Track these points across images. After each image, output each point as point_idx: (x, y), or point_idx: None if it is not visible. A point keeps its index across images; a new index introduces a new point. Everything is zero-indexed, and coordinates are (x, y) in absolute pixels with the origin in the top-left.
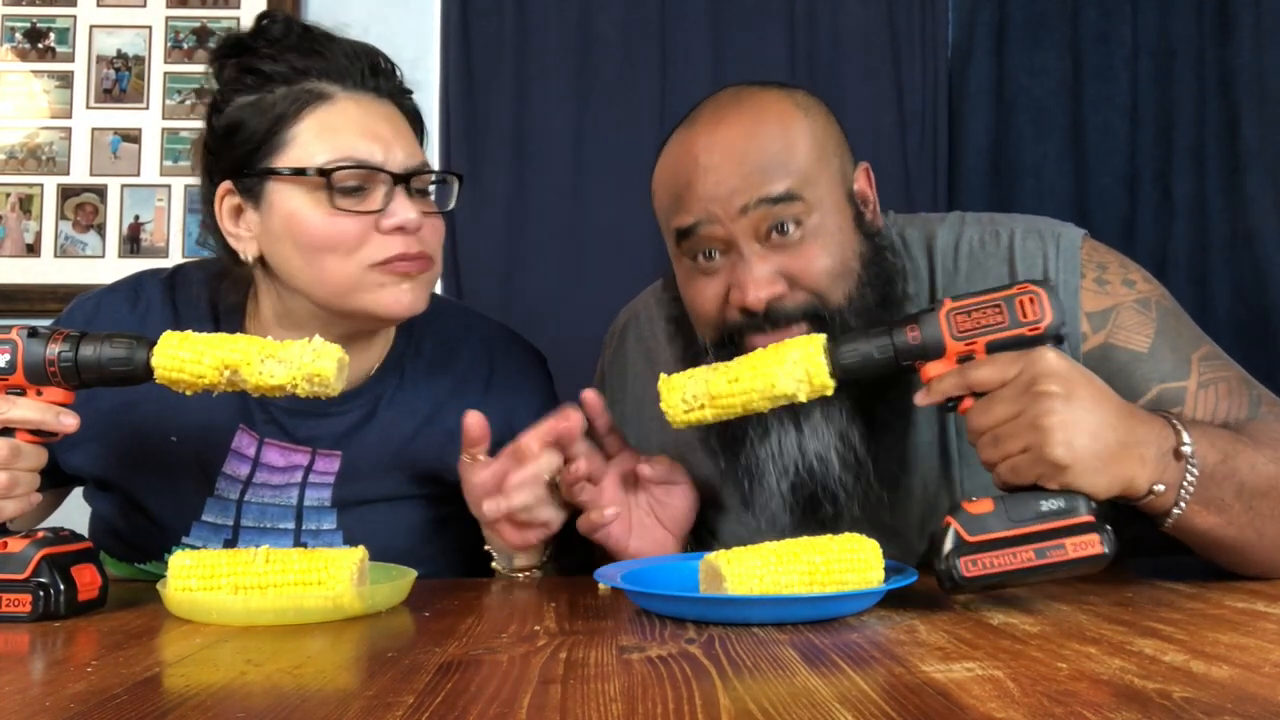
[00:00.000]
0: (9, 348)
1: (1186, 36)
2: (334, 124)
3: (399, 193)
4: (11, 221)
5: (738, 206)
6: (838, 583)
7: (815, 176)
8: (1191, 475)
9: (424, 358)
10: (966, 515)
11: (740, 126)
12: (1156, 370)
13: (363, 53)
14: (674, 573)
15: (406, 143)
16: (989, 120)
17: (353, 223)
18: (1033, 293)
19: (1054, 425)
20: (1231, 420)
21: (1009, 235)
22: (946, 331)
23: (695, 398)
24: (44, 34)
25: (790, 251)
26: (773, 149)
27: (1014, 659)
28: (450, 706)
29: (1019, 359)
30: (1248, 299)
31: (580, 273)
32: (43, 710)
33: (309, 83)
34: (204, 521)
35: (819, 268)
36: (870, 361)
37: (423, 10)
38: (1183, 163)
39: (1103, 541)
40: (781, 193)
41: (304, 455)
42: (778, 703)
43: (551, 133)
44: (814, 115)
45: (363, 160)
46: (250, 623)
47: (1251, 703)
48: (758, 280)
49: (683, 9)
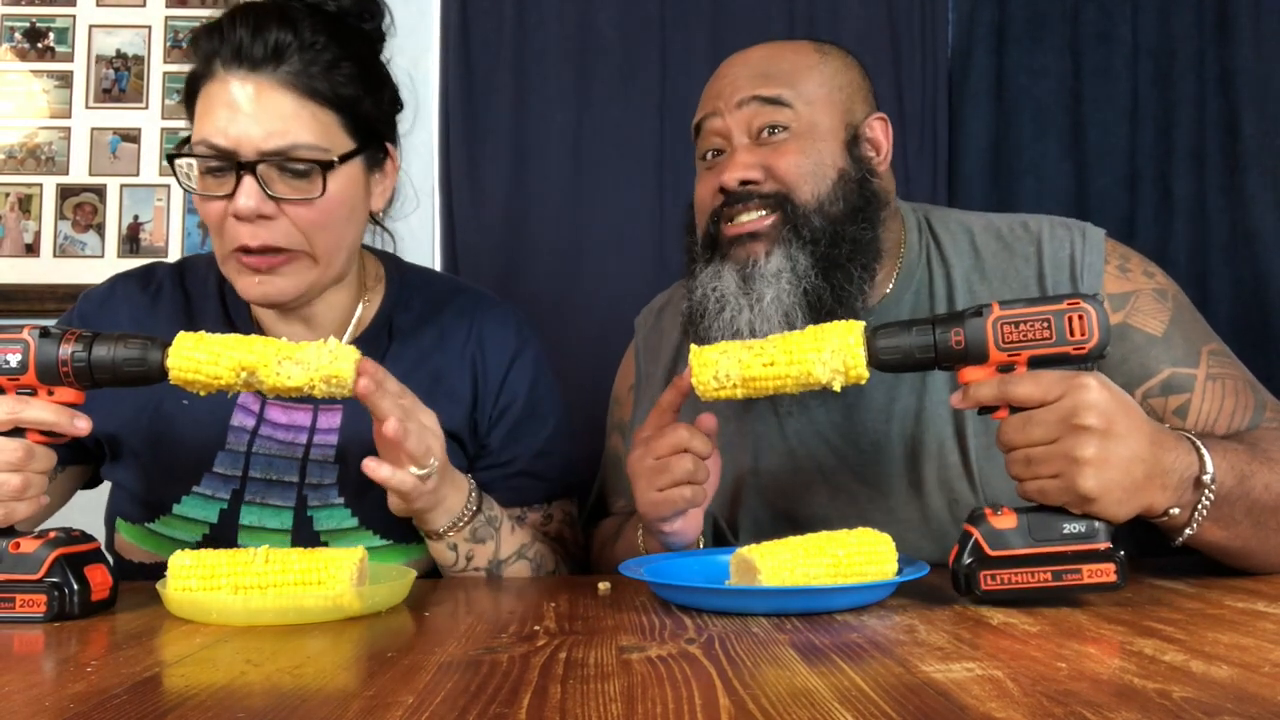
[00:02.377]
0: (20, 348)
1: (1186, 36)
2: (204, 105)
3: (245, 178)
4: (11, 221)
5: (735, 100)
6: (859, 574)
7: (813, 96)
8: (1208, 500)
9: (413, 312)
10: (989, 527)
11: (762, 49)
12: (1169, 354)
13: (251, 22)
14: (699, 566)
15: (269, 123)
16: (989, 120)
17: (212, 205)
18: (1083, 310)
19: (1089, 459)
20: (1236, 421)
21: (1037, 225)
22: (992, 340)
23: (728, 377)
24: (43, 34)
25: (774, 149)
26: (781, 66)
27: (1014, 659)
28: (450, 706)
29: (1062, 383)
30: (1248, 299)
31: (580, 272)
32: (43, 710)
33: (208, 59)
34: (214, 473)
35: (790, 162)
36: (910, 359)
37: (423, 10)
38: (1183, 163)
39: (1116, 571)
40: (774, 95)
41: (305, 413)
42: (778, 703)
43: (551, 133)
44: (832, 59)
45: (213, 144)
46: (250, 623)
47: (1251, 703)
48: (736, 164)
49: (683, 9)
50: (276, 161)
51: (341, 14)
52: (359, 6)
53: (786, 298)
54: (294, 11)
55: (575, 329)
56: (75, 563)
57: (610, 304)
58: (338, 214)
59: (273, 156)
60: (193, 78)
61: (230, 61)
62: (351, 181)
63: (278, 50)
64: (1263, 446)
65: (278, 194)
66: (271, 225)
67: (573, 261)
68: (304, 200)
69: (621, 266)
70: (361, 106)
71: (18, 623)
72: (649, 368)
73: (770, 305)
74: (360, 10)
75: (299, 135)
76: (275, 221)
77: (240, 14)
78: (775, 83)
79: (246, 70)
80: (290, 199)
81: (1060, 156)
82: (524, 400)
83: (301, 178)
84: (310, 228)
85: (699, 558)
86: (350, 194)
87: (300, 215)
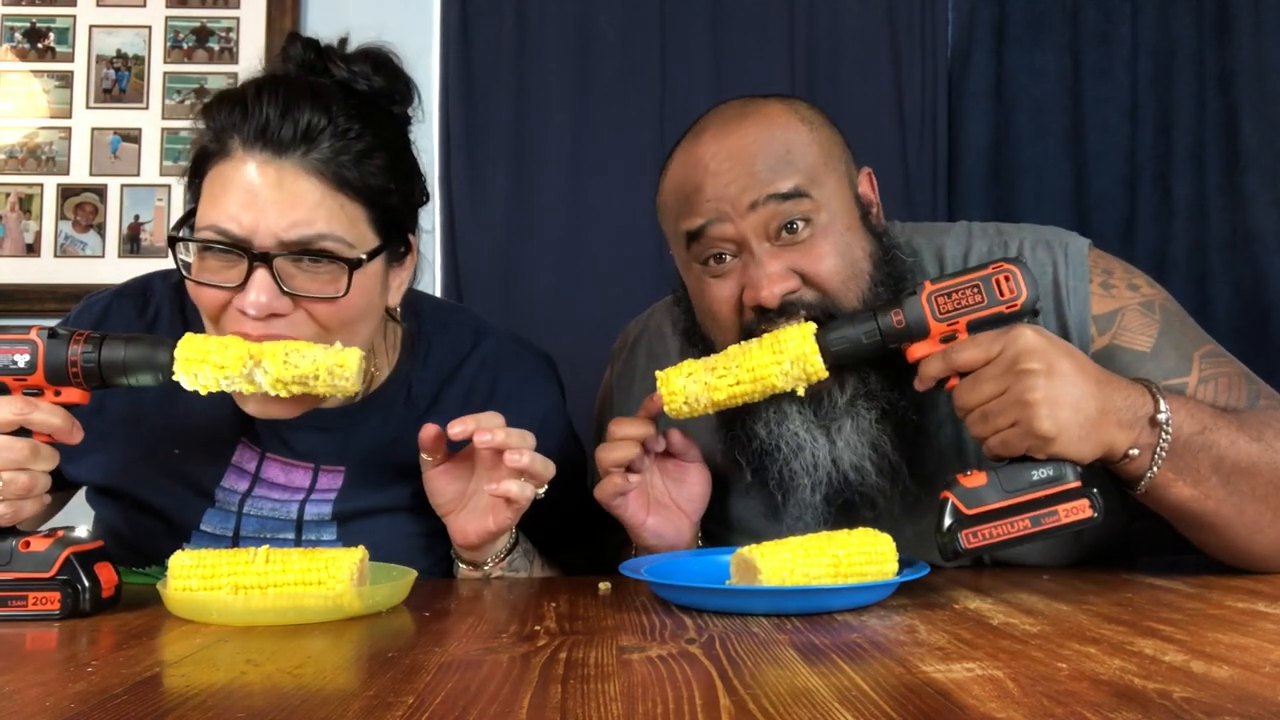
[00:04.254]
0: (29, 348)
1: (1186, 36)
2: (217, 186)
3: (257, 271)
4: (11, 221)
5: (747, 203)
6: (859, 574)
7: (822, 177)
8: (1165, 440)
9: (431, 369)
10: (962, 489)
11: (747, 133)
12: (1159, 368)
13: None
14: (699, 566)
15: (293, 212)
16: (989, 120)
17: (210, 293)
18: (1007, 271)
19: (1039, 400)
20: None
21: (1017, 246)
22: (929, 313)
23: (697, 400)
24: (44, 34)
25: (800, 249)
26: (779, 150)
27: (1014, 659)
28: (450, 706)
29: (1000, 338)
30: (1247, 299)
31: (580, 273)
32: (43, 710)
33: (222, 135)
34: (203, 531)
35: (829, 266)
36: (859, 346)
37: (423, 10)
38: (1183, 163)
39: (1091, 505)
40: (790, 189)
41: (305, 473)
42: (778, 703)
43: (551, 133)
44: (816, 123)
45: (224, 230)
46: (250, 623)
47: (1251, 703)
48: (771, 276)
49: (683, 9)
50: (296, 254)
51: (374, 95)
52: (391, 88)
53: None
54: (326, 91)
55: (575, 329)
56: (85, 561)
57: (610, 304)
58: (355, 313)
59: (293, 249)
60: (203, 153)
61: (252, 141)
62: (373, 279)
63: (308, 134)
64: (1241, 414)
65: (294, 289)
66: (279, 323)
67: (573, 261)
68: (324, 300)
69: (621, 266)
70: (390, 200)
71: (31, 620)
72: (621, 403)
73: (852, 435)
74: (392, 92)
75: (325, 227)
76: (285, 319)
77: (266, 89)
78: (786, 173)
79: (271, 153)
80: (308, 296)
81: (1060, 156)
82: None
83: (323, 273)
84: (331, 326)
85: (699, 558)
86: (371, 292)
87: (318, 312)
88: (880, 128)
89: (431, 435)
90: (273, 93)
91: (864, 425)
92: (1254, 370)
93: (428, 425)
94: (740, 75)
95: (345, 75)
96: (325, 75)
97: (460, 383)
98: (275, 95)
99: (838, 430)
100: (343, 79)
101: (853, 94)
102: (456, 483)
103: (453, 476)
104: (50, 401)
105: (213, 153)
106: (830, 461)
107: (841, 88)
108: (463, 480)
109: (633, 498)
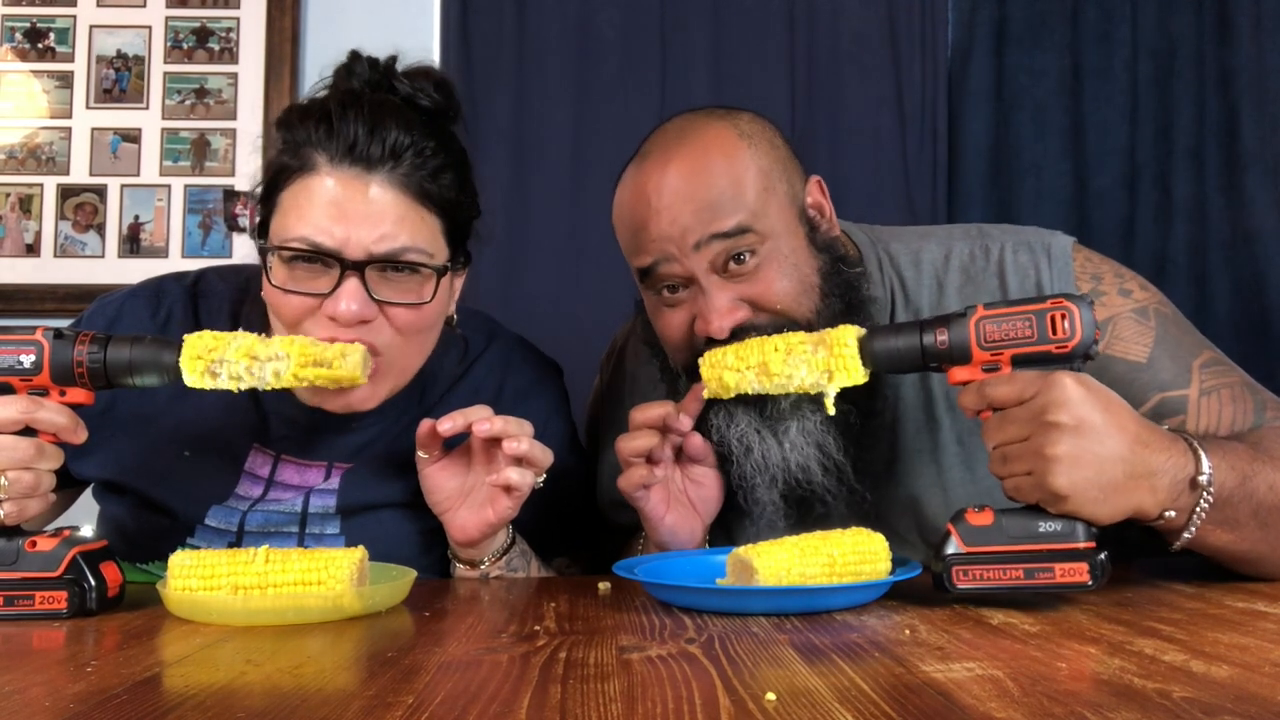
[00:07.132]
0: (34, 348)
1: (1186, 36)
2: (304, 198)
3: (349, 280)
4: (11, 221)
5: (691, 244)
6: (853, 574)
7: (764, 206)
8: (1206, 502)
9: (445, 371)
10: (967, 525)
11: (686, 164)
12: (1156, 379)
13: (367, 118)
14: (694, 567)
15: (381, 225)
16: (989, 120)
17: (296, 300)
18: (1065, 309)
19: (1058, 456)
20: (1237, 427)
21: (999, 250)
22: (974, 339)
23: (736, 387)
24: (44, 34)
25: (748, 279)
26: (720, 184)
27: (1014, 659)
28: (450, 706)
29: (1037, 380)
30: (1247, 299)
31: (579, 272)
32: (42, 710)
33: (304, 150)
34: (208, 525)
35: (778, 289)
36: (899, 359)
37: (423, 10)
38: (1183, 163)
39: (1090, 571)
40: (732, 227)
41: (318, 472)
42: (778, 702)
43: (551, 133)
44: (758, 143)
45: (316, 243)
46: (250, 623)
47: (1251, 703)
48: (719, 309)
49: (683, 9)
50: (382, 264)
51: (436, 111)
52: (448, 104)
53: (813, 428)
54: (406, 111)
55: (574, 328)
56: (91, 560)
57: (609, 303)
58: (433, 319)
59: (382, 260)
60: (283, 168)
61: (340, 158)
62: (446, 287)
63: (394, 150)
64: (1266, 445)
65: (382, 296)
66: (366, 329)
67: (573, 261)
68: (409, 305)
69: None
70: (460, 213)
71: (38, 619)
72: (613, 412)
73: (798, 437)
74: (447, 108)
75: (409, 240)
76: (371, 325)
77: (352, 108)
78: (727, 211)
79: (361, 169)
80: (395, 302)
81: (1060, 156)
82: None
83: (405, 282)
84: (408, 332)
85: (694, 558)
86: (445, 300)
87: (400, 318)
88: (880, 128)
89: (427, 431)
90: (358, 112)
91: (809, 427)
92: (1254, 372)
93: (424, 421)
94: (740, 75)
95: (408, 91)
96: (391, 92)
97: (469, 383)
98: (361, 113)
99: (784, 431)
100: (406, 95)
101: (853, 94)
102: (454, 479)
103: (450, 473)
104: (55, 401)
105: (294, 168)
106: (781, 460)
107: (841, 88)
108: (459, 477)
109: (655, 492)
